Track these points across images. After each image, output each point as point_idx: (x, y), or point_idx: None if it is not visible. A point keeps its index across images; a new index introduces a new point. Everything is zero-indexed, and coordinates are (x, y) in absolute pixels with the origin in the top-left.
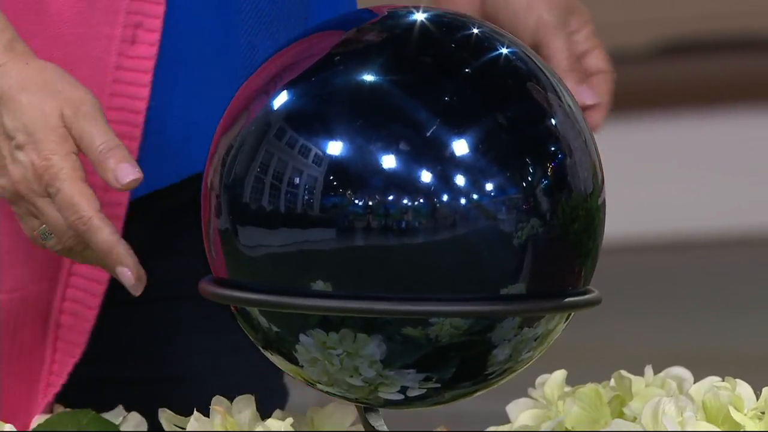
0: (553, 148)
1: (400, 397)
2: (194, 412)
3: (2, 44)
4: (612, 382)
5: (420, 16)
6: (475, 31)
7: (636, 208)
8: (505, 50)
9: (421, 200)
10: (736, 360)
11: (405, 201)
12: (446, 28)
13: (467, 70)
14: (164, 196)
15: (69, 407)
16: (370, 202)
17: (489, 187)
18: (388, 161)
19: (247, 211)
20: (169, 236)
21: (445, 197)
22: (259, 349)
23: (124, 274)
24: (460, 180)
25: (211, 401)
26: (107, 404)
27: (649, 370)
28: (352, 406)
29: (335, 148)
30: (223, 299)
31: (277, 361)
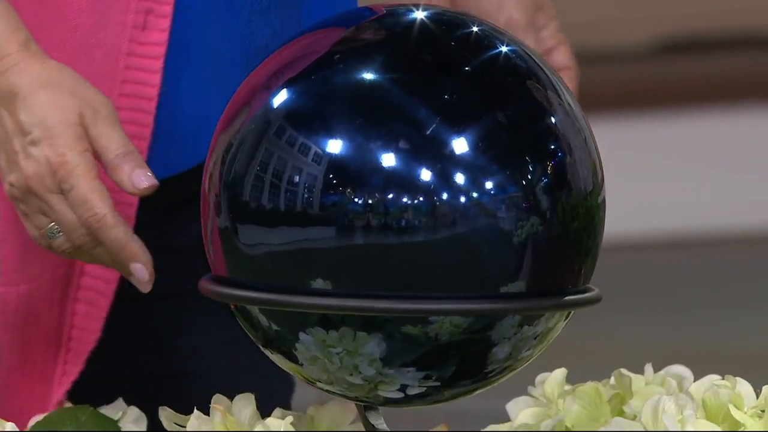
0: (552, 147)
1: (400, 395)
2: (194, 410)
3: (18, 43)
4: (612, 380)
5: (420, 15)
6: (475, 29)
7: (636, 207)
8: (504, 48)
9: (421, 198)
10: (736, 358)
11: (405, 199)
12: (446, 26)
13: (467, 69)
14: (174, 184)
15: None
16: (370, 201)
17: (489, 185)
18: (388, 159)
19: (247, 210)
20: (176, 229)
21: (445, 195)
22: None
23: (138, 271)
24: (460, 178)
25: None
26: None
27: (649, 368)
28: (352, 405)
29: (335, 146)
30: (223, 297)
31: (276, 359)
